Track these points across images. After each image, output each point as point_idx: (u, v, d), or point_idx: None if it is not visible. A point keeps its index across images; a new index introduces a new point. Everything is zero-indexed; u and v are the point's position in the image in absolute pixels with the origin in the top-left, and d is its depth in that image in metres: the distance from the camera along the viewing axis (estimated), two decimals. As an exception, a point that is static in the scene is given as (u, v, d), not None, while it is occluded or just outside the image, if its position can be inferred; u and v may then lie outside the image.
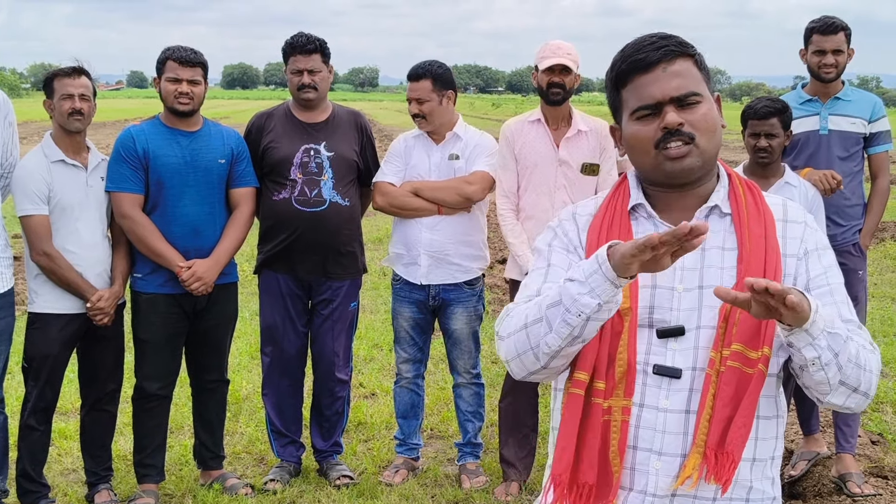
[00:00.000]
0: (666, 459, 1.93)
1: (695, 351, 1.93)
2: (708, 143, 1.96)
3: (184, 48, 4.54)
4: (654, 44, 1.96)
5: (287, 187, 4.72)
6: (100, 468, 4.61)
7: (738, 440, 1.88)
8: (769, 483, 2.01)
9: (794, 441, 5.11)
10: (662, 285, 1.97)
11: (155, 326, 4.58)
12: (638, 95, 1.96)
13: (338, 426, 5.06)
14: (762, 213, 2.01)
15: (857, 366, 1.86)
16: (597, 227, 2.06)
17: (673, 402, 1.93)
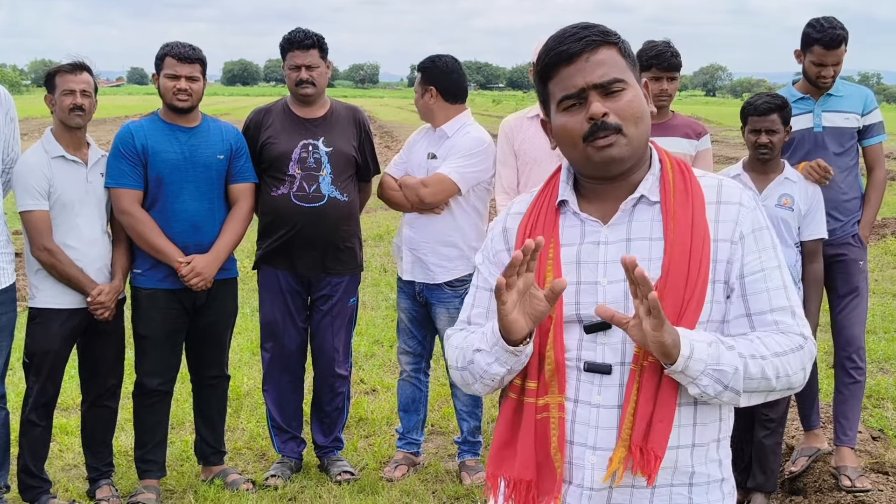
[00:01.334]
0: (600, 454, 1.94)
1: (623, 346, 1.94)
2: (635, 130, 1.94)
3: (182, 44, 4.53)
4: (575, 35, 1.94)
5: (286, 183, 4.72)
6: (100, 464, 4.62)
7: (661, 435, 1.89)
8: (715, 465, 2.02)
9: (795, 437, 5.12)
10: (587, 280, 1.97)
11: (155, 322, 4.58)
12: (562, 86, 1.95)
13: (338, 422, 5.06)
14: (691, 196, 1.98)
15: (765, 379, 1.87)
16: (524, 226, 2.07)
17: (605, 398, 1.94)
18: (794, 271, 4.39)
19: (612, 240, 1.97)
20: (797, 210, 4.35)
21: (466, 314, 2.17)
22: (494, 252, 2.14)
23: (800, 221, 4.38)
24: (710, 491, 2.00)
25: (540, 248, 1.81)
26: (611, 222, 1.99)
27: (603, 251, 1.97)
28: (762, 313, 1.93)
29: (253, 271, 5.09)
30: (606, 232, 1.99)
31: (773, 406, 4.46)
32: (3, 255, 4.20)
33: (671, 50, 4.62)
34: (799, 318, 1.96)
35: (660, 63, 4.60)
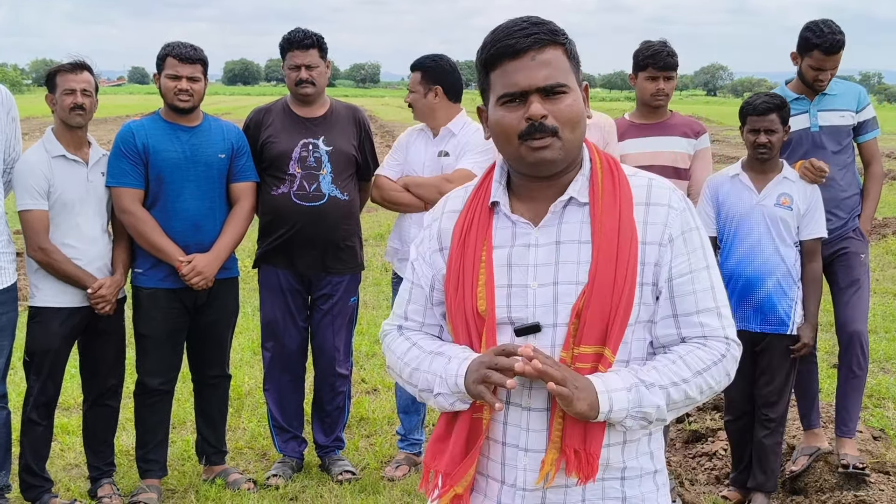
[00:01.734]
0: (532, 455, 1.97)
1: (552, 349, 1.95)
2: (571, 134, 1.95)
3: (183, 45, 4.53)
4: (525, 30, 1.92)
5: (286, 182, 4.73)
6: (102, 463, 4.63)
7: (594, 438, 1.93)
8: (647, 458, 2.05)
9: (796, 437, 5.12)
10: (517, 283, 1.98)
11: (156, 321, 4.59)
12: (505, 82, 1.94)
13: (339, 421, 5.07)
14: (618, 198, 1.98)
15: (688, 400, 1.94)
16: (458, 229, 2.08)
17: (535, 401, 1.97)
18: (794, 271, 4.39)
19: (542, 242, 1.99)
20: (796, 209, 4.36)
21: (403, 309, 2.18)
22: (429, 252, 2.14)
23: (799, 221, 4.38)
24: (642, 483, 2.04)
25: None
26: (541, 224, 2.00)
27: (533, 254, 1.98)
28: (688, 315, 1.97)
29: (253, 271, 5.09)
30: (537, 234, 2.00)
31: (773, 406, 4.46)
32: (4, 254, 4.21)
33: (667, 49, 4.63)
34: (725, 318, 1.99)
35: (656, 63, 4.61)
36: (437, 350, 2.07)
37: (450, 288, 2.06)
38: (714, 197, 4.51)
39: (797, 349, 4.41)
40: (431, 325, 2.16)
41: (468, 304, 2.01)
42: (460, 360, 1.98)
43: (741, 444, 4.64)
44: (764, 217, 4.37)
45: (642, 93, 4.72)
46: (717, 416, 5.69)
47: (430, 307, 2.15)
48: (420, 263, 2.16)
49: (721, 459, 5.13)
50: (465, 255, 2.03)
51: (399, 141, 4.93)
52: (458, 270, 2.04)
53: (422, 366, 2.07)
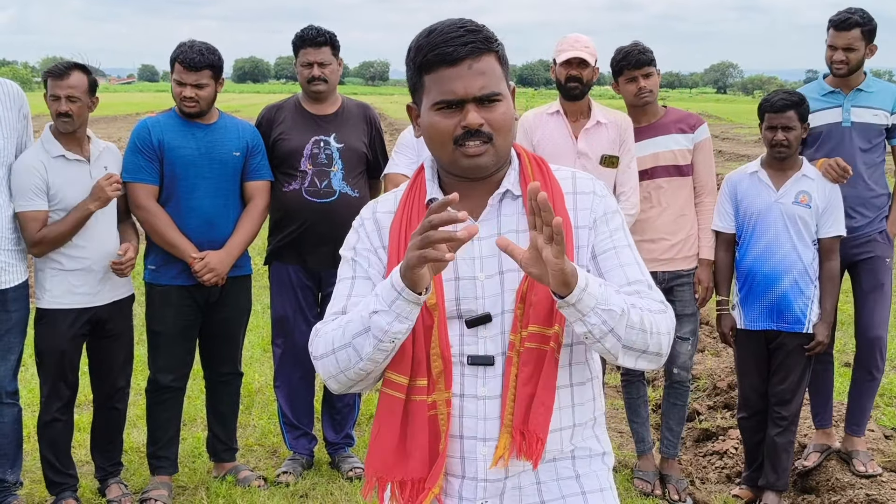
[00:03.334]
0: (490, 444, 2.00)
1: (502, 336, 2.00)
2: (504, 140, 2.00)
3: (193, 49, 4.49)
4: (461, 38, 1.95)
5: (297, 178, 4.73)
6: (108, 464, 4.61)
7: (541, 418, 1.95)
8: (594, 440, 2.11)
9: (807, 436, 5.10)
10: (465, 276, 2.02)
11: (168, 318, 4.59)
12: (440, 89, 1.96)
13: (349, 418, 5.07)
14: (549, 189, 2.04)
15: (643, 331, 1.90)
16: (397, 226, 2.09)
17: (489, 389, 2.00)
18: (811, 269, 4.38)
19: (483, 235, 2.02)
20: (815, 207, 4.34)
21: (342, 304, 2.08)
22: (372, 249, 2.12)
23: (817, 219, 4.36)
24: (591, 463, 2.10)
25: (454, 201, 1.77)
26: (481, 218, 2.04)
27: (477, 247, 2.02)
28: (620, 286, 1.98)
29: (264, 268, 5.09)
30: (478, 227, 1.98)
31: (786, 404, 4.45)
32: (14, 252, 4.21)
33: (638, 48, 4.67)
34: (656, 291, 2.03)
35: (629, 63, 4.65)
36: (358, 308, 1.97)
37: None
38: (733, 193, 4.50)
39: (811, 348, 4.40)
40: None
41: None
42: (388, 281, 1.88)
43: (754, 442, 4.63)
44: (782, 214, 4.35)
45: (627, 96, 4.75)
46: (728, 415, 5.68)
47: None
48: (363, 257, 2.12)
49: (732, 458, 5.12)
50: None
51: (406, 139, 4.87)
52: None
53: (353, 317, 1.96)
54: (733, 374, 5.74)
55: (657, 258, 4.62)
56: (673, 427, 4.90)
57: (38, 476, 4.68)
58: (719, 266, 4.63)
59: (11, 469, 4.34)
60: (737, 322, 4.55)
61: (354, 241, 2.18)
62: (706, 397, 6.15)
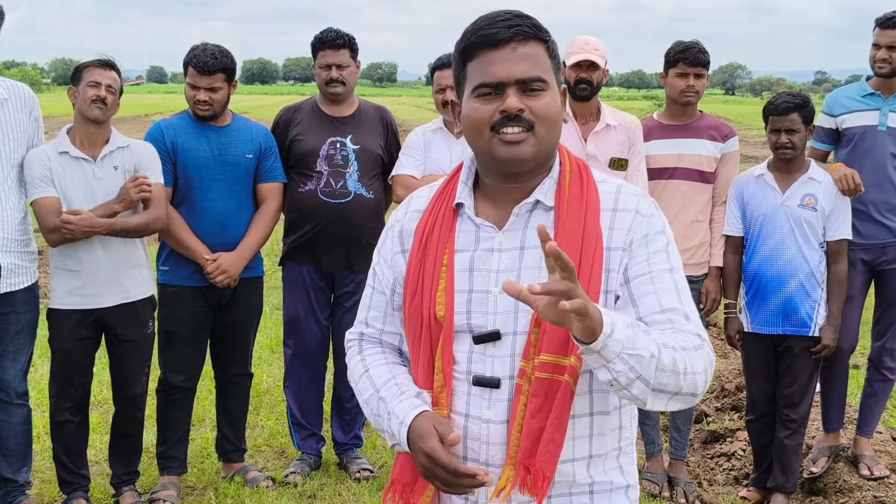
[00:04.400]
0: (493, 470, 1.87)
1: (512, 358, 1.87)
2: (547, 133, 1.86)
3: (207, 52, 4.51)
4: (507, 21, 1.84)
5: (313, 179, 4.75)
6: (124, 471, 4.60)
7: (549, 455, 1.81)
8: (617, 472, 1.96)
9: (815, 437, 5.10)
10: (478, 289, 1.90)
11: (180, 319, 4.61)
12: (482, 72, 1.85)
13: (358, 419, 5.08)
14: (584, 203, 1.88)
15: (675, 372, 1.73)
16: (421, 229, 2.00)
17: (494, 413, 1.88)
18: (818, 272, 4.37)
19: (505, 247, 1.90)
20: (821, 210, 4.33)
21: (364, 315, 2.14)
22: (391, 254, 2.07)
23: (824, 221, 4.35)
24: (612, 498, 1.95)
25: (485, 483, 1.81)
26: (505, 228, 1.92)
27: (496, 259, 1.90)
28: (652, 314, 1.83)
29: (273, 269, 5.11)
30: (501, 238, 1.92)
31: (795, 407, 4.45)
32: (24, 253, 4.23)
33: (698, 46, 4.64)
34: (694, 322, 1.85)
35: (686, 58, 4.61)
36: (381, 392, 2.00)
37: (408, 292, 1.98)
38: (739, 196, 4.50)
39: (818, 351, 4.40)
40: (391, 332, 2.11)
41: (426, 309, 1.92)
42: (400, 422, 1.91)
43: (762, 444, 4.63)
44: (788, 217, 4.35)
45: (672, 90, 4.71)
46: (736, 417, 5.68)
47: (390, 313, 2.08)
48: (382, 267, 2.09)
49: (740, 460, 5.12)
50: (426, 259, 1.95)
51: (413, 141, 4.88)
52: (418, 274, 1.96)
53: (370, 403, 2.02)
54: (741, 376, 5.74)
55: None
56: (680, 427, 4.90)
57: (49, 476, 4.70)
58: (727, 269, 4.63)
59: (21, 469, 4.35)
60: (744, 325, 4.55)
61: (381, 243, 2.12)
62: (714, 399, 6.15)
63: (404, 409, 1.91)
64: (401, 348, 2.12)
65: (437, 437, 1.84)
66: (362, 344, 2.14)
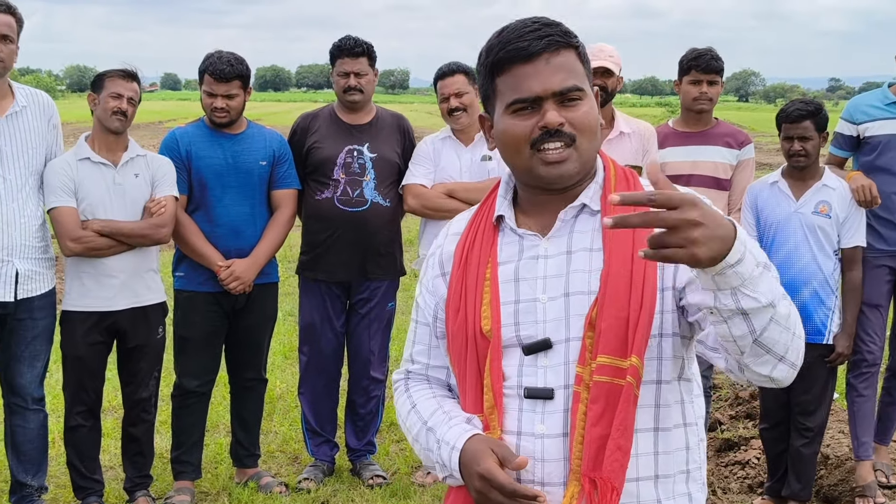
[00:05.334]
0: (550, 490, 1.75)
1: (566, 367, 1.77)
2: (589, 144, 1.79)
3: (222, 59, 4.54)
4: (537, 31, 1.76)
5: (330, 187, 4.77)
6: (136, 475, 4.61)
7: (616, 463, 1.69)
8: (685, 499, 1.82)
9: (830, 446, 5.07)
10: (525, 298, 1.82)
11: (195, 324, 4.64)
12: (516, 87, 1.77)
13: (372, 426, 5.09)
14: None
15: (787, 329, 1.60)
16: (461, 246, 1.93)
17: (549, 426, 1.76)
18: (832, 279, 4.36)
19: (551, 253, 1.83)
20: (835, 217, 4.32)
21: (409, 352, 2.07)
22: (431, 279, 2.00)
23: (838, 229, 4.34)
24: None
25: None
26: (550, 234, 1.84)
27: (542, 266, 1.83)
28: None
29: (287, 275, 5.13)
30: (546, 245, 1.85)
31: (811, 415, 4.43)
32: (42, 260, 4.26)
33: (711, 53, 4.63)
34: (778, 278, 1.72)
35: (698, 65, 4.61)
36: (429, 423, 1.92)
37: (450, 310, 1.90)
38: (753, 204, 4.49)
39: (832, 359, 4.38)
40: (437, 366, 2.02)
41: (471, 325, 1.84)
42: (451, 448, 1.82)
43: (776, 452, 4.61)
44: (801, 225, 4.34)
45: (685, 97, 4.71)
46: (751, 425, 5.66)
47: (435, 344, 2.01)
48: (423, 297, 2.02)
49: (754, 468, 5.10)
50: (468, 275, 1.88)
51: (423, 150, 4.89)
52: (460, 291, 1.88)
53: (419, 438, 1.94)
54: (755, 384, 5.71)
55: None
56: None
57: (63, 481, 4.72)
58: (741, 276, 4.60)
59: (37, 474, 4.38)
60: (758, 332, 4.53)
61: (422, 273, 2.06)
62: (728, 407, 6.14)
63: (455, 435, 1.82)
64: (449, 383, 2.03)
65: (493, 459, 1.74)
66: (408, 383, 2.07)
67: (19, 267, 4.15)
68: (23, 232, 4.16)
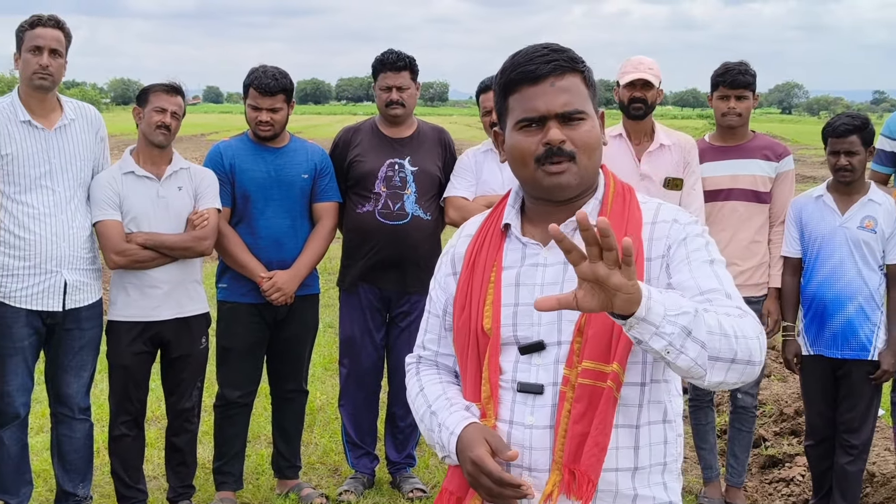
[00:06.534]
0: (536, 475, 1.94)
1: (555, 366, 1.95)
2: (588, 160, 1.97)
3: (267, 74, 4.59)
4: (545, 56, 1.95)
5: (371, 200, 4.79)
6: (179, 485, 4.64)
7: (594, 458, 1.88)
8: (660, 488, 2.00)
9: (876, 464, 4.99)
10: (524, 302, 1.99)
11: (237, 335, 4.68)
12: (523, 107, 1.96)
13: (411, 438, 5.10)
14: (626, 220, 1.98)
15: (724, 335, 1.74)
16: (471, 249, 2.12)
17: (538, 419, 1.95)
18: (877, 295, 4.31)
19: (550, 262, 2.00)
20: (880, 232, 4.27)
21: (421, 339, 2.27)
22: (443, 277, 2.19)
23: (884, 244, 4.29)
24: None
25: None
26: (550, 245, 2.00)
27: (541, 273, 2.00)
28: (692, 297, 1.83)
29: (328, 287, 5.16)
30: (546, 254, 2.01)
31: (856, 432, 4.37)
32: (89, 271, 4.33)
33: (739, 68, 4.60)
34: (735, 299, 1.87)
35: (725, 80, 4.61)
36: (433, 407, 2.12)
37: (457, 308, 2.10)
38: (798, 218, 4.45)
39: (877, 376, 4.32)
40: (445, 354, 2.22)
41: (474, 322, 2.03)
42: (450, 433, 2.01)
43: (821, 469, 4.55)
44: (847, 239, 4.29)
45: (716, 113, 4.72)
46: (795, 442, 5.59)
47: (444, 335, 2.20)
48: (436, 291, 2.22)
49: (799, 485, 5.04)
50: (474, 276, 2.07)
51: (464, 163, 4.91)
52: (466, 290, 2.07)
53: (424, 419, 2.14)
54: (800, 400, 5.65)
55: None
56: (738, 454, 4.83)
57: (108, 490, 4.78)
58: (785, 291, 4.58)
59: (82, 483, 4.44)
60: (802, 348, 4.49)
61: (437, 269, 2.24)
62: (772, 423, 6.06)
63: (454, 421, 2.02)
64: (455, 370, 2.21)
65: (485, 447, 1.93)
66: (419, 366, 2.27)
67: (67, 278, 4.21)
68: (71, 243, 4.23)
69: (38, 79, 4.16)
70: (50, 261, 4.17)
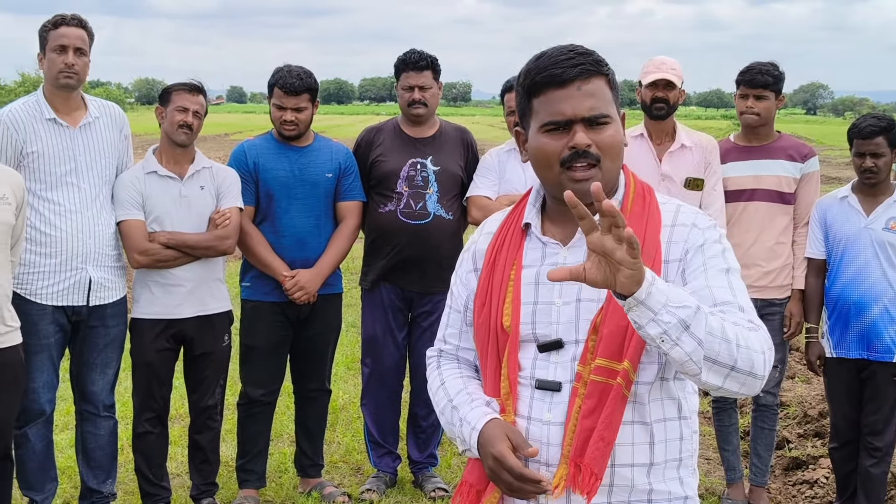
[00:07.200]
0: (552, 469, 1.97)
1: (572, 364, 1.98)
2: (612, 164, 1.98)
3: (292, 73, 4.61)
4: (571, 59, 1.96)
5: (393, 200, 4.80)
6: (202, 482, 4.66)
7: (598, 452, 1.91)
8: (676, 483, 2.02)
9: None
10: (543, 300, 2.02)
11: (260, 333, 4.70)
12: (549, 110, 1.97)
13: (434, 438, 5.10)
14: (645, 220, 2.00)
15: (727, 340, 1.77)
16: (492, 247, 2.14)
17: (554, 415, 1.98)
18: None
19: (570, 261, 2.00)
20: (906, 234, 4.23)
21: (442, 333, 2.30)
22: (465, 274, 2.22)
23: (910, 246, 4.25)
24: None
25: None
26: (570, 244, 2.03)
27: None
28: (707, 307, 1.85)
29: (350, 286, 5.17)
30: (565, 253, 2.03)
31: (880, 434, 4.34)
32: (114, 268, 4.36)
33: (761, 68, 4.58)
34: (748, 313, 1.90)
35: (744, 79, 4.61)
36: (454, 402, 2.15)
37: (477, 305, 2.12)
38: (822, 219, 4.42)
39: (902, 379, 4.28)
40: (466, 348, 2.25)
41: (493, 320, 2.06)
42: (471, 428, 2.05)
43: (845, 472, 4.52)
44: (872, 241, 4.26)
45: (737, 111, 4.72)
46: (819, 444, 5.55)
47: (465, 330, 2.23)
48: (457, 287, 2.24)
49: (822, 487, 5.00)
50: (495, 274, 2.09)
51: (487, 162, 4.91)
52: (487, 288, 2.10)
53: (445, 412, 2.18)
54: (824, 402, 5.61)
55: (750, 285, 4.50)
56: (761, 453, 4.81)
57: (132, 487, 4.81)
58: (809, 293, 4.55)
59: (106, 481, 4.47)
60: (826, 350, 4.46)
61: (458, 265, 2.26)
62: (796, 425, 6.03)
63: (476, 416, 2.05)
64: (476, 364, 2.24)
65: (506, 443, 1.96)
66: (440, 360, 2.30)
67: (92, 274, 4.25)
68: (97, 240, 4.27)
69: (64, 77, 4.20)
70: (76, 258, 4.21)
